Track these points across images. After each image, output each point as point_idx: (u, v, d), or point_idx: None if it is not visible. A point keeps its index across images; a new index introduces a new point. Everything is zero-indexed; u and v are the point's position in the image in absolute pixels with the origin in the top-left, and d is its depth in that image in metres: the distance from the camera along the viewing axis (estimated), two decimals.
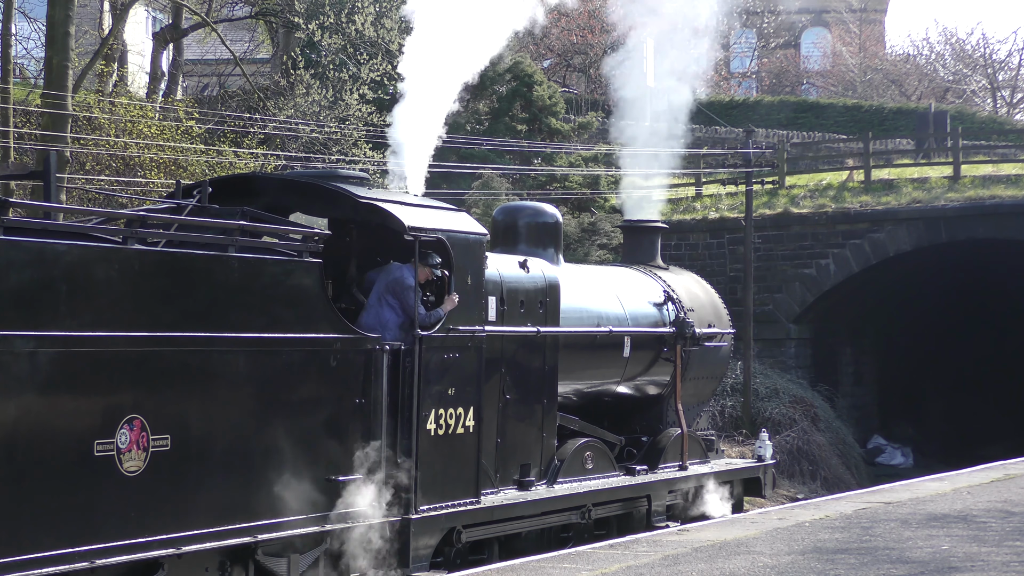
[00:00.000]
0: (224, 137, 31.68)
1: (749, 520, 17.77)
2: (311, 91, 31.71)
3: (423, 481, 14.16)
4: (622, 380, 18.78)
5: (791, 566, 13.65)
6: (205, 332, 11.93)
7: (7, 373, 10.39)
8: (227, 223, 12.43)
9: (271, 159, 31.27)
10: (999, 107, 68.02)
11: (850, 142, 47.55)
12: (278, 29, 39.70)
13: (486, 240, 15.39)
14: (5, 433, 10.36)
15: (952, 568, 13.43)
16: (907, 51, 75.30)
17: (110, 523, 11.06)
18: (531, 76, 35.20)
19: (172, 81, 39.08)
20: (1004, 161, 41.66)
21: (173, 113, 32.12)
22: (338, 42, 33.73)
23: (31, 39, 34.77)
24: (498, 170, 32.92)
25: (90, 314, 11.00)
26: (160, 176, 28.59)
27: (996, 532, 15.81)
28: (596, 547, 15.71)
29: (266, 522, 12.42)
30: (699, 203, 40.70)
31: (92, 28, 39.30)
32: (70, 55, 25.42)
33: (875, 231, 37.32)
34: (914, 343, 43.24)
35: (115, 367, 11.17)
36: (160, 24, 44.92)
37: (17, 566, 10.29)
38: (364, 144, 31.77)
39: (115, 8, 34.99)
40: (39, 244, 10.74)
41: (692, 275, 21.41)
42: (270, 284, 12.69)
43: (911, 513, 17.66)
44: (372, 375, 13.59)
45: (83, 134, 28.01)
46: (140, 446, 11.30)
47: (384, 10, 33.83)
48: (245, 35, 48.41)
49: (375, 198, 14.41)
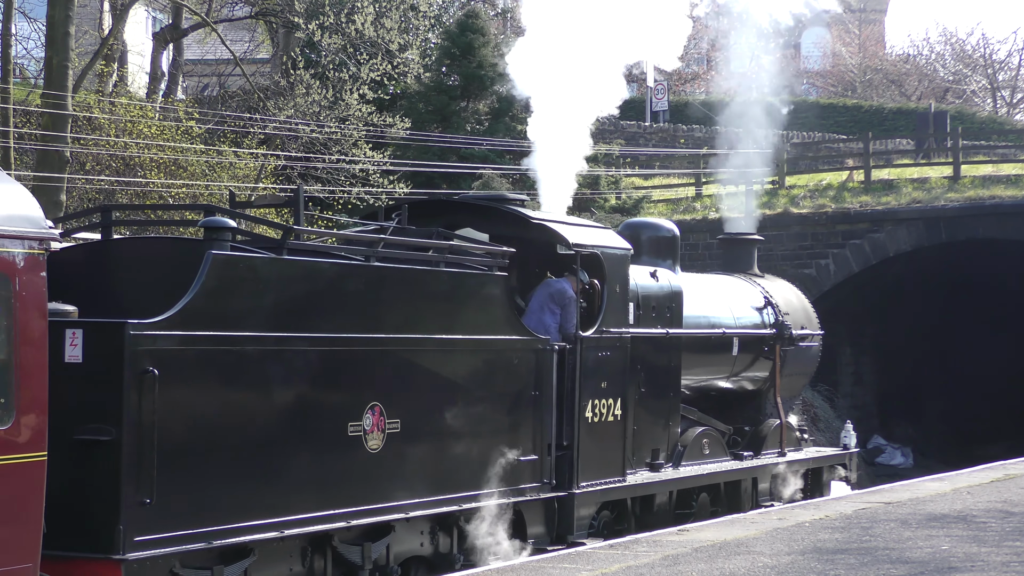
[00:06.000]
0: (224, 137, 31.68)
1: (749, 520, 17.78)
2: (311, 91, 31.68)
3: (582, 461, 16.43)
4: (729, 376, 20.89)
5: (791, 566, 13.66)
6: (423, 334, 14.37)
7: (288, 366, 12.76)
8: (439, 243, 14.92)
9: (271, 159, 31.28)
10: (999, 107, 68.05)
11: (850, 142, 47.56)
12: (278, 29, 39.69)
13: (631, 254, 17.67)
14: (287, 414, 12.72)
15: (952, 568, 13.44)
16: (907, 51, 75.38)
17: (357, 492, 13.43)
18: None
19: (172, 81, 39.06)
20: (1004, 161, 41.66)
21: (173, 113, 32.11)
22: (338, 42, 33.72)
23: (31, 39, 34.74)
24: (498, 170, 32.91)
25: (344, 318, 13.43)
26: (160, 176, 28.59)
27: (996, 532, 15.82)
28: (596, 547, 15.74)
29: (466, 494, 14.78)
30: (699, 203, 40.70)
31: (92, 28, 39.29)
32: (70, 55, 25.43)
33: (875, 231, 37.31)
34: (914, 343, 43.20)
35: (362, 362, 13.62)
36: (160, 24, 44.91)
37: (286, 525, 12.62)
38: (364, 144, 31.75)
39: (115, 8, 34.98)
40: (311, 262, 13.22)
41: (785, 282, 23.69)
42: (468, 294, 15.15)
43: (911, 513, 17.66)
44: (544, 371, 15.91)
45: (83, 134, 28.01)
46: (379, 428, 13.67)
47: (384, 10, 33.82)
48: (245, 35, 48.37)
49: (544, 218, 17.04)
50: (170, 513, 11.62)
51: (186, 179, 29.11)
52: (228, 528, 12.13)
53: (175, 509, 11.68)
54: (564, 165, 19.05)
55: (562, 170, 19.06)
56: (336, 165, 31.49)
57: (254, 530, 12.37)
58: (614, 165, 40.99)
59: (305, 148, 31.74)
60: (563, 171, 19.08)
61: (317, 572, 13.17)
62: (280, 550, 12.73)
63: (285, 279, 12.88)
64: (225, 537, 12.10)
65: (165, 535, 11.59)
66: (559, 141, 18.84)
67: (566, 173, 19.13)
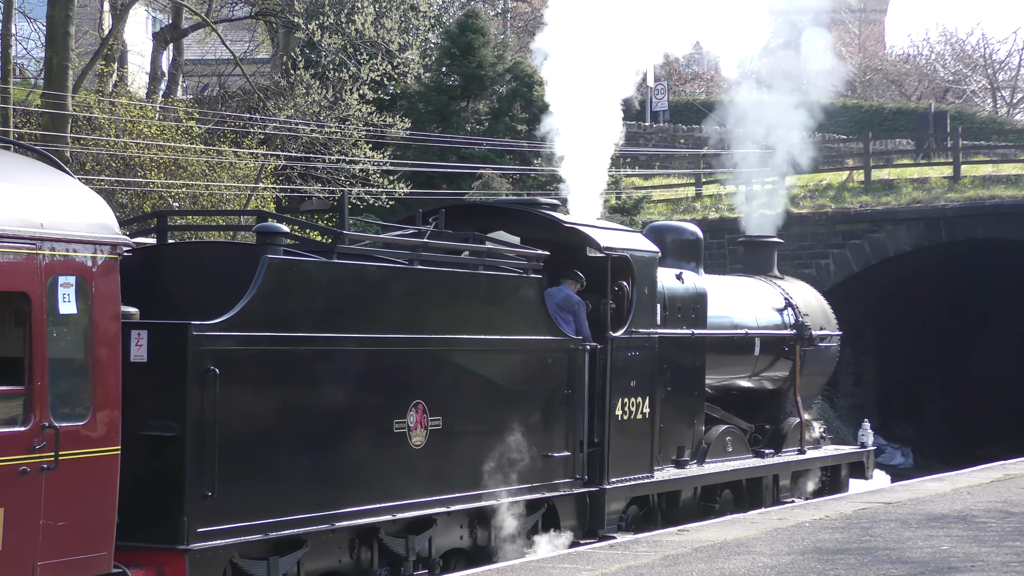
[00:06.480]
0: (224, 137, 31.65)
1: (749, 520, 17.79)
2: (311, 91, 31.65)
3: (612, 458, 17.06)
4: (751, 375, 21.50)
5: (791, 566, 13.66)
6: (464, 334, 14.90)
7: (337, 366, 13.34)
8: (479, 247, 15.42)
9: (271, 159, 31.26)
10: (999, 107, 68.07)
11: (850, 142, 47.55)
12: (278, 29, 39.64)
13: (658, 257, 18.23)
14: (336, 411, 13.31)
15: (952, 568, 13.45)
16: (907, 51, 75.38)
17: (402, 486, 13.99)
18: (531, 76, 35.09)
19: (172, 81, 39.03)
20: (1004, 161, 41.68)
21: (173, 113, 32.09)
22: (338, 42, 33.69)
23: (31, 39, 34.71)
24: (498, 170, 32.89)
25: (390, 319, 13.98)
26: (160, 176, 28.57)
27: (996, 532, 15.83)
28: (596, 547, 15.75)
29: (503, 488, 15.28)
30: (699, 203, 40.70)
31: (92, 28, 39.25)
32: (70, 55, 25.43)
33: (875, 231, 37.30)
34: (914, 343, 43.20)
35: (406, 361, 14.17)
36: (160, 24, 44.89)
37: (336, 517, 13.18)
38: (364, 144, 31.73)
39: (115, 8, 34.96)
40: (359, 266, 13.74)
41: (804, 284, 24.36)
42: (505, 295, 15.70)
43: (911, 513, 17.67)
44: (577, 370, 16.47)
45: (83, 134, 28.00)
46: (422, 425, 14.20)
47: (384, 10, 33.80)
48: (245, 35, 48.34)
49: (576, 222, 17.58)
50: (230, 506, 12.18)
51: (186, 179, 29.09)
52: (283, 520, 12.67)
53: (234, 502, 12.23)
54: (593, 170, 19.90)
55: (591, 175, 19.91)
56: (336, 165, 31.47)
57: (307, 522, 12.90)
58: (614, 165, 40.90)
59: (305, 148, 31.71)
60: (592, 176, 19.93)
61: (364, 563, 13.73)
62: (330, 542, 13.30)
63: (335, 282, 13.45)
64: (280, 529, 12.65)
65: (225, 527, 12.14)
66: (588, 148, 19.70)
67: (595, 178, 19.99)
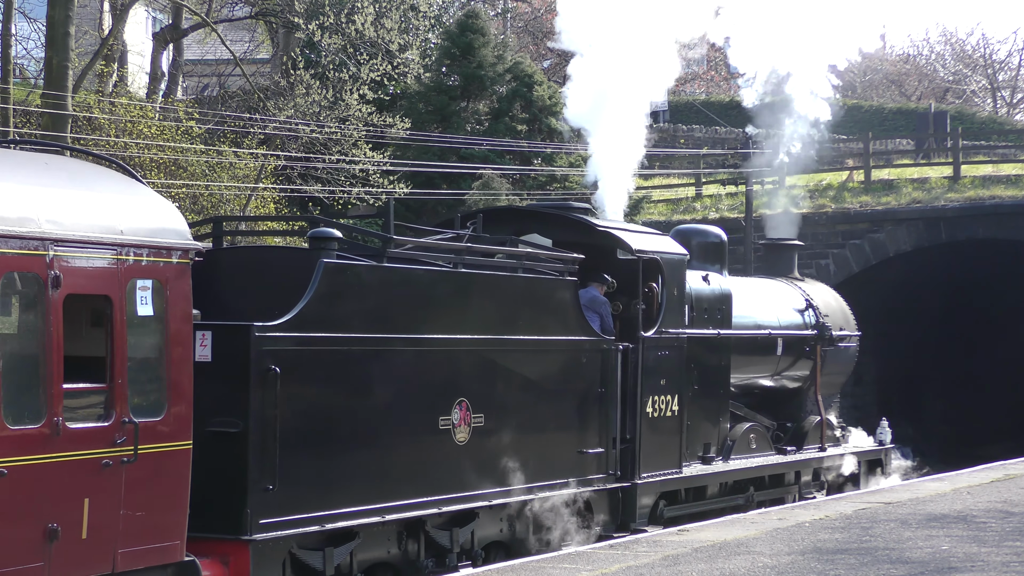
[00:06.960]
0: (224, 137, 31.65)
1: (749, 520, 17.80)
2: (311, 91, 31.65)
3: (643, 454, 17.64)
4: (773, 374, 22.06)
5: (791, 566, 13.66)
6: (504, 335, 15.50)
7: (387, 365, 14.00)
8: (518, 251, 16.05)
9: (271, 159, 31.26)
10: (999, 107, 68.07)
11: (850, 142, 47.54)
12: (278, 29, 39.66)
13: (687, 259, 18.76)
14: (386, 408, 13.93)
15: (952, 568, 13.45)
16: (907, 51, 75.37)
17: (447, 480, 14.62)
18: (531, 76, 35.09)
19: (172, 81, 39.03)
20: (1004, 161, 41.67)
21: (173, 113, 32.10)
22: (338, 42, 33.68)
23: (31, 39, 34.71)
24: (498, 170, 32.87)
25: (436, 320, 14.63)
26: (160, 176, 28.57)
27: (996, 532, 15.83)
28: (596, 547, 15.76)
29: (541, 483, 15.89)
30: (699, 203, 40.70)
31: (92, 28, 39.23)
32: (70, 55, 25.40)
33: (875, 231, 37.29)
34: (914, 343, 43.17)
35: (451, 360, 14.81)
36: (160, 24, 44.87)
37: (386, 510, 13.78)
38: (364, 144, 31.72)
39: (115, 8, 34.96)
40: (407, 269, 14.38)
41: (824, 285, 25.11)
42: (543, 297, 16.30)
43: (911, 513, 17.68)
44: (609, 369, 17.06)
45: (83, 134, 27.99)
46: (466, 422, 14.82)
47: (384, 10, 33.80)
48: (245, 35, 48.34)
49: (609, 226, 18.22)
50: (289, 498, 12.79)
51: (186, 179, 29.10)
52: (337, 513, 13.31)
53: (293, 495, 12.83)
54: (620, 175, 20.69)
55: (618, 180, 20.71)
56: (336, 165, 31.46)
57: (359, 515, 13.56)
58: None
59: (305, 148, 31.71)
60: (619, 181, 20.72)
61: (411, 555, 14.39)
62: (381, 534, 13.94)
63: (385, 284, 14.10)
64: (335, 521, 13.29)
65: (285, 518, 12.76)
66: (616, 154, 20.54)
67: (621, 183, 20.76)
